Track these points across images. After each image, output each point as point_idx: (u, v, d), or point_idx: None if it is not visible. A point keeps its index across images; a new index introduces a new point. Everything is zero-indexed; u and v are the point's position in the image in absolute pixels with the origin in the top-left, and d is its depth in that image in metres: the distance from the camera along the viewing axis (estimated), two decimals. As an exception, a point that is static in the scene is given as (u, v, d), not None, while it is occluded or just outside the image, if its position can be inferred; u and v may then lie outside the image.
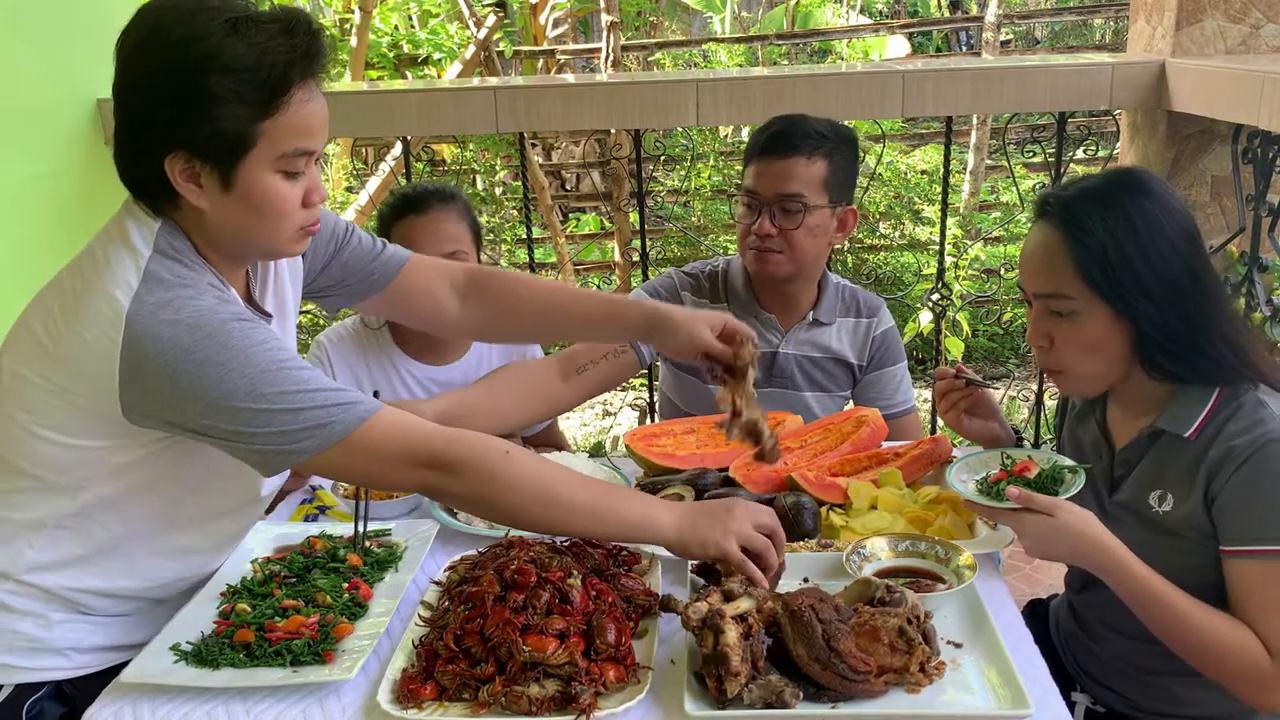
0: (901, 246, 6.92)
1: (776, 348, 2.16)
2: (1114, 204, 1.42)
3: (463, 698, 1.22)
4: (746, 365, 1.56)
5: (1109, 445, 1.58)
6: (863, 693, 1.20)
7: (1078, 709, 1.67)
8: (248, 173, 1.29)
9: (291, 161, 1.31)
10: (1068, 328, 1.46)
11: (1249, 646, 1.36)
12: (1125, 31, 3.82)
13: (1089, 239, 1.41)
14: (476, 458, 1.35)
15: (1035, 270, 1.49)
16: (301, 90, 1.28)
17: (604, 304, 1.75)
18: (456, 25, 6.90)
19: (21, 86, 2.47)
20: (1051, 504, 1.39)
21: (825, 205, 2.05)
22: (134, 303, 1.26)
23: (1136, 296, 1.40)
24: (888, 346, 2.22)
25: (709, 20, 10.83)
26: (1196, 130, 2.78)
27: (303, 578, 1.51)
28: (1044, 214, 1.48)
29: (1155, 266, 1.40)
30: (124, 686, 1.29)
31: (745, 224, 2.07)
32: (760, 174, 2.05)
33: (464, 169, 7.09)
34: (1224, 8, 2.79)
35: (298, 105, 1.28)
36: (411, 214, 2.07)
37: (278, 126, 1.27)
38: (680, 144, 6.87)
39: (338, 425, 1.30)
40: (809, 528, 1.59)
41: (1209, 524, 1.43)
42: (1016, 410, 5.11)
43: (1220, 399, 1.44)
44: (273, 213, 1.32)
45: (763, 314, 2.16)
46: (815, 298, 2.18)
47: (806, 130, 2.03)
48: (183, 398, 1.26)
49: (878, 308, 2.24)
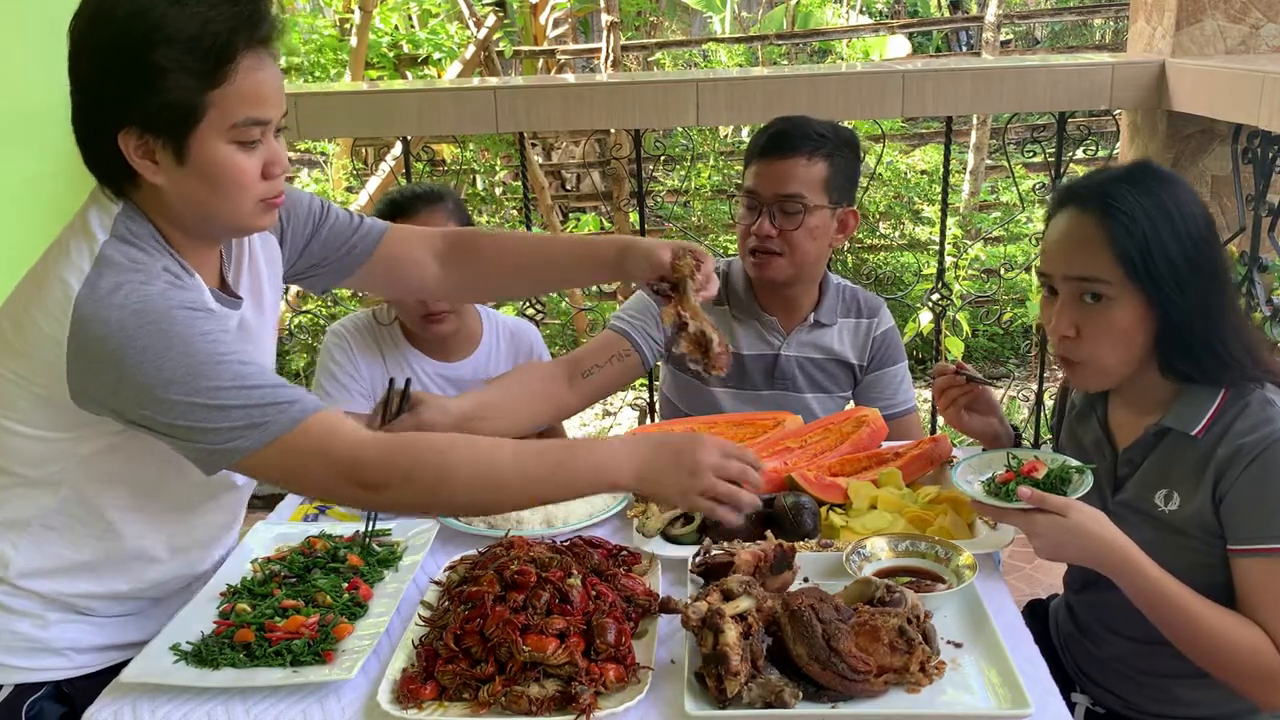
0: (901, 246, 6.92)
1: (778, 350, 2.15)
2: (1149, 191, 1.41)
3: (463, 698, 1.23)
4: (684, 276, 1.55)
5: (1111, 445, 1.58)
6: (862, 692, 1.20)
7: (1078, 710, 1.67)
8: (200, 145, 1.27)
9: (244, 131, 1.28)
10: (1097, 316, 1.44)
11: (1260, 645, 1.35)
12: (1125, 31, 3.82)
13: (1129, 222, 1.39)
14: (419, 469, 1.30)
15: (1068, 254, 1.46)
16: (249, 58, 1.26)
17: (577, 244, 1.79)
18: (456, 25, 6.89)
19: (21, 86, 2.47)
20: (1064, 504, 1.37)
21: (826, 206, 2.04)
22: (84, 286, 1.25)
23: (1170, 284, 1.39)
24: (888, 346, 2.22)
25: (709, 20, 10.83)
26: (1196, 130, 2.78)
27: (303, 578, 1.51)
28: (1074, 200, 1.46)
29: (1189, 254, 1.40)
30: (124, 686, 1.29)
31: (745, 224, 2.07)
32: (760, 174, 2.04)
33: (464, 169, 7.08)
34: (1224, 8, 2.79)
35: (245, 73, 1.26)
36: (399, 217, 2.06)
37: (226, 96, 1.25)
38: (680, 144, 6.87)
39: (272, 426, 1.25)
40: (809, 528, 1.59)
41: (1216, 523, 1.42)
42: (1016, 410, 5.10)
43: (1226, 398, 1.44)
44: (229, 184, 1.30)
45: (764, 316, 2.15)
46: (816, 299, 2.18)
47: (807, 131, 2.03)
48: (124, 385, 1.24)
49: (878, 308, 2.23)
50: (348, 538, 1.63)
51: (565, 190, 8.22)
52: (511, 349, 2.27)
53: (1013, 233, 6.70)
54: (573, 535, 1.59)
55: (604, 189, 7.47)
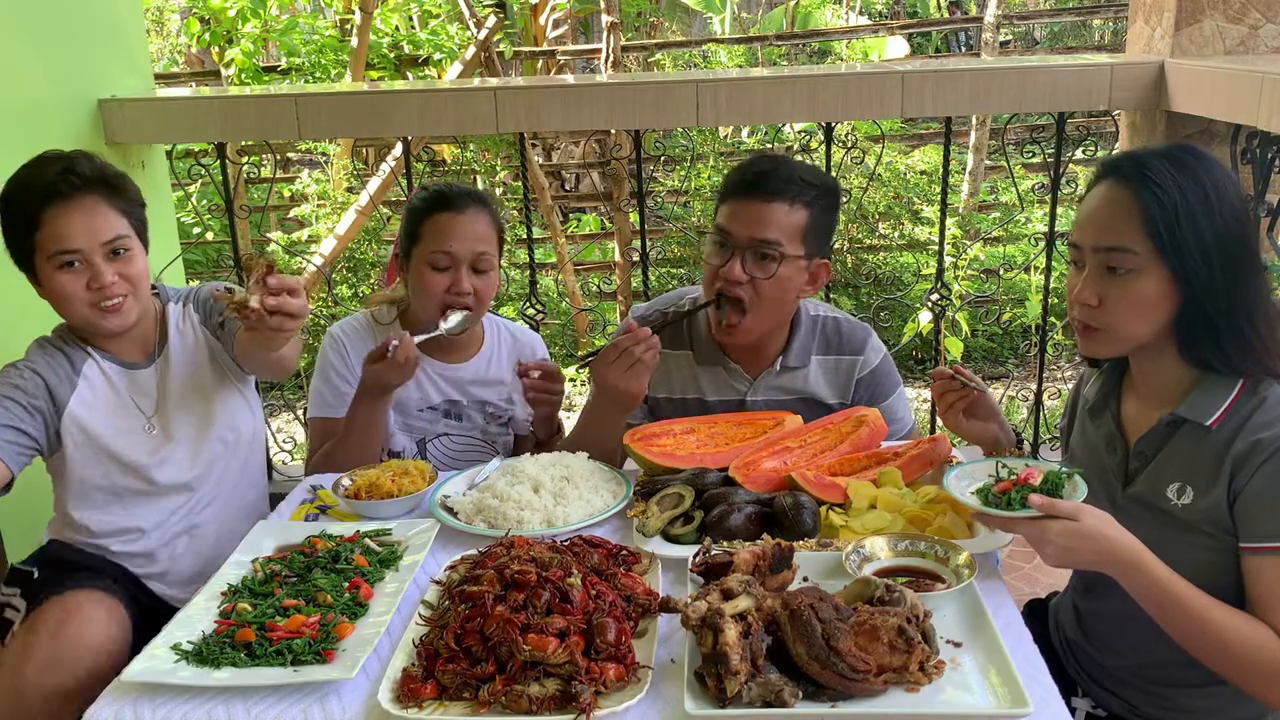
0: (901, 247, 6.93)
1: (745, 395, 2.07)
2: (1186, 168, 1.42)
3: (463, 697, 1.23)
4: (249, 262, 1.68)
5: (1124, 439, 1.57)
6: (862, 692, 1.20)
7: (1078, 714, 1.67)
8: (40, 273, 1.85)
9: (58, 259, 1.81)
10: (1121, 286, 1.44)
11: (1268, 644, 1.34)
12: (1124, 32, 3.82)
13: (1163, 195, 1.40)
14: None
15: (1099, 225, 1.46)
16: (58, 206, 1.80)
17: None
18: (457, 26, 6.90)
19: (22, 86, 2.47)
20: (1075, 508, 1.36)
21: (801, 257, 1.92)
22: None
23: (1196, 260, 1.39)
24: (877, 384, 2.10)
25: (709, 21, 10.84)
26: (1195, 131, 2.78)
27: (303, 577, 1.51)
28: (1112, 173, 1.46)
29: (1219, 232, 1.40)
30: (124, 686, 1.29)
31: (714, 265, 1.94)
32: (736, 214, 1.92)
33: (464, 169, 7.09)
34: (1223, 8, 2.79)
35: (51, 221, 1.80)
36: (447, 210, 2.08)
37: (42, 237, 1.81)
38: (680, 144, 6.88)
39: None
40: (809, 527, 1.59)
41: (1229, 519, 1.41)
42: (1016, 410, 5.11)
43: (1243, 390, 1.43)
44: (59, 297, 1.85)
45: (728, 363, 2.07)
46: (785, 342, 2.07)
47: (791, 175, 1.91)
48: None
49: (863, 342, 2.09)
50: (348, 538, 1.63)
51: (565, 190, 8.23)
52: (513, 352, 2.27)
53: (1012, 233, 6.71)
54: (573, 535, 1.59)
55: (604, 189, 7.48)
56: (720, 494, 1.65)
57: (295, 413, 4.67)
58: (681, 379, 2.10)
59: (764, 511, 1.62)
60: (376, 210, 5.74)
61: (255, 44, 5.95)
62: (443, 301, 2.07)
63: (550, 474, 1.77)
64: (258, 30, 5.92)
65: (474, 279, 2.07)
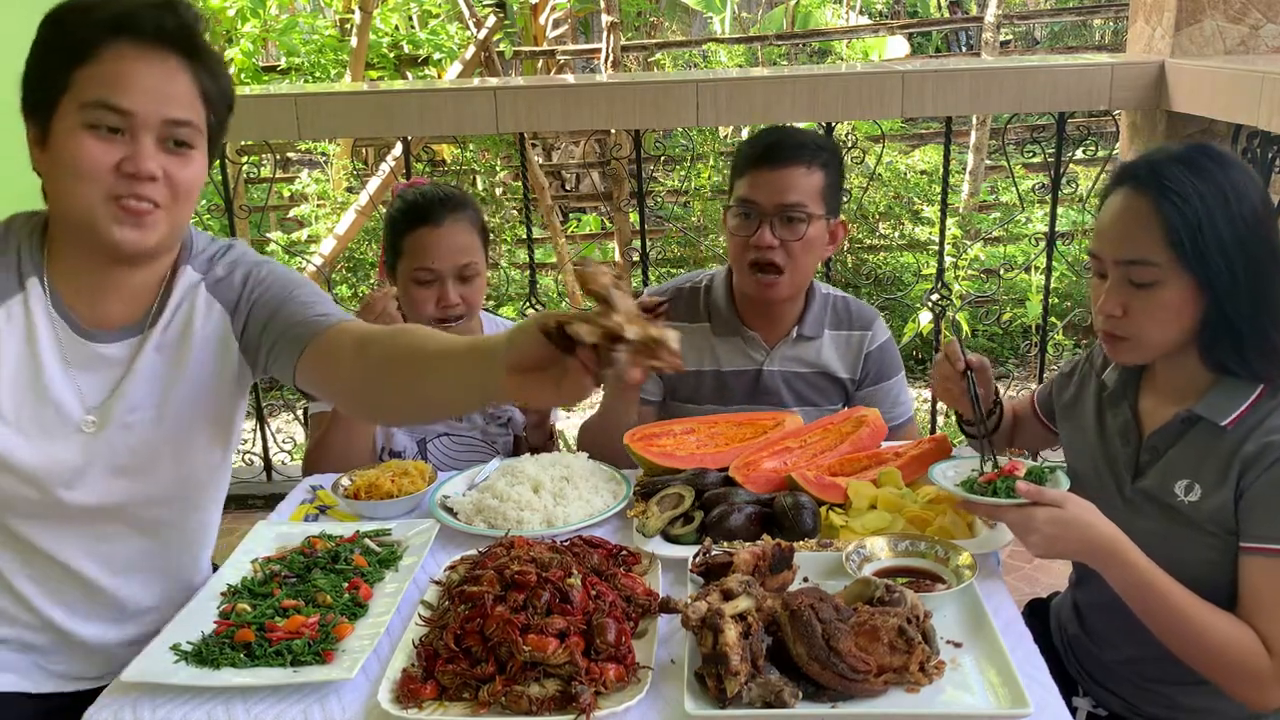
0: (901, 246, 6.93)
1: (761, 365, 2.12)
2: (1203, 172, 1.40)
3: (463, 697, 1.23)
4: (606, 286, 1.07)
5: (1138, 430, 1.56)
6: (862, 692, 1.20)
7: (1079, 714, 1.66)
8: (58, 125, 1.28)
9: (95, 113, 1.26)
10: (1145, 297, 1.43)
11: (1247, 645, 1.35)
12: (1125, 32, 3.82)
13: (1182, 204, 1.38)
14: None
15: (1119, 236, 1.45)
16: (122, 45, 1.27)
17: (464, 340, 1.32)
18: (456, 26, 6.90)
19: (22, 87, 2.46)
20: (1061, 496, 1.38)
21: (823, 216, 2.01)
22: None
23: (1219, 265, 1.38)
24: (884, 362, 2.17)
25: (709, 20, 10.84)
26: (1196, 130, 2.78)
27: (303, 577, 1.51)
28: (1129, 180, 1.45)
29: (1241, 236, 1.38)
30: (124, 686, 1.29)
31: (742, 236, 2.00)
32: (758, 184, 1.99)
33: (464, 169, 7.09)
34: (1223, 8, 2.79)
35: (113, 59, 1.26)
36: (425, 224, 2.05)
37: (86, 74, 1.26)
38: (680, 144, 6.88)
39: None
40: (809, 527, 1.59)
41: (1234, 519, 1.41)
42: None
43: (1263, 394, 1.42)
44: (70, 167, 1.27)
45: (746, 332, 2.12)
46: (801, 311, 2.14)
47: (803, 140, 2.00)
48: None
49: (871, 320, 2.18)
50: (348, 538, 1.63)
51: (565, 190, 8.23)
52: None
53: (1012, 233, 6.71)
54: (573, 535, 1.59)
55: (604, 189, 7.49)
56: (720, 494, 1.65)
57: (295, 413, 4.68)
58: (697, 352, 2.14)
59: (764, 512, 1.62)
60: (376, 210, 5.74)
61: (255, 43, 5.95)
62: (432, 317, 2.06)
63: (550, 474, 1.77)
64: (257, 30, 5.92)
65: (460, 288, 2.07)
